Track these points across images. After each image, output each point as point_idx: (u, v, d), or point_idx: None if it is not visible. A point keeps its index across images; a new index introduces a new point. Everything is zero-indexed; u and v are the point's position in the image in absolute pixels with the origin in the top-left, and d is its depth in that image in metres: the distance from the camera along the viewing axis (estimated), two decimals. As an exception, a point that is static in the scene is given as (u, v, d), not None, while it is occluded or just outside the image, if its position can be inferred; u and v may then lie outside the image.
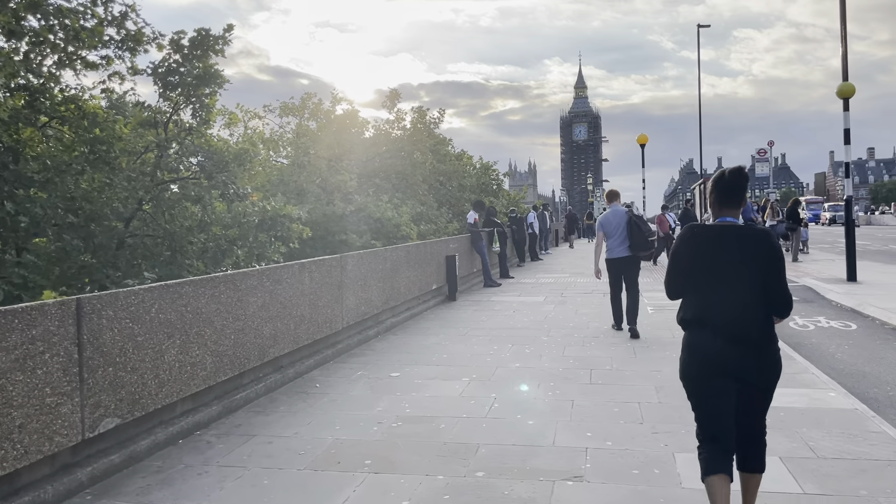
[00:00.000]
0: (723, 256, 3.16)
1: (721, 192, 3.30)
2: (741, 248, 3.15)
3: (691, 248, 3.26)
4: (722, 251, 3.17)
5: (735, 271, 3.14)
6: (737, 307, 3.11)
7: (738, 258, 3.14)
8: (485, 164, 36.00)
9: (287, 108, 23.49)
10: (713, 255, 3.19)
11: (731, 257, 3.15)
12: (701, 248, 3.23)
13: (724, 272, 3.16)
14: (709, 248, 3.21)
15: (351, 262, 8.32)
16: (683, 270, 3.29)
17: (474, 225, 15.02)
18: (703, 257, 3.21)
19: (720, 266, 3.17)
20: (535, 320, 10.08)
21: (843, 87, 13.40)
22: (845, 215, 13.79)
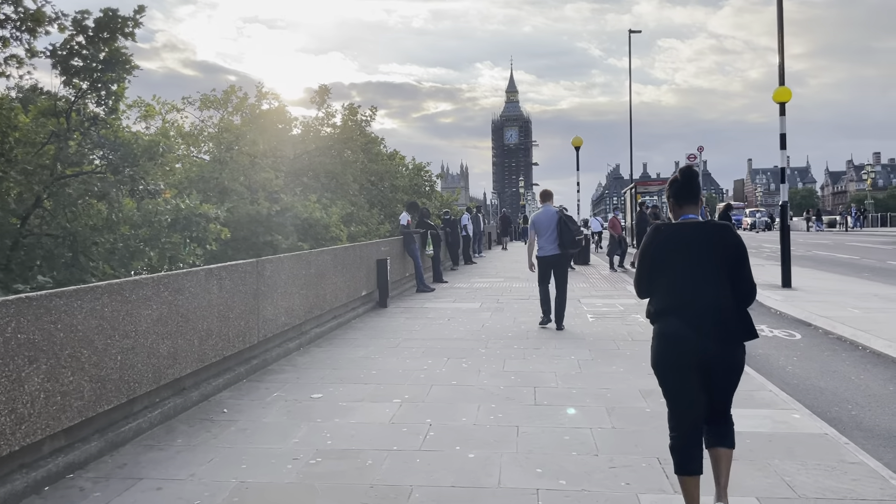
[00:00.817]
0: (689, 251, 3.31)
1: (677, 192, 3.50)
2: (706, 242, 3.31)
3: (659, 246, 3.39)
4: (688, 246, 3.32)
5: (701, 264, 3.29)
6: (706, 298, 3.25)
7: (704, 252, 3.30)
8: (417, 165, 35.31)
9: (208, 101, 22.13)
10: (680, 251, 3.33)
11: (697, 252, 3.31)
12: (668, 245, 3.37)
13: (691, 266, 3.30)
14: (676, 245, 3.35)
15: (269, 267, 7.44)
16: (653, 267, 3.41)
17: (407, 227, 14.28)
18: (671, 253, 3.35)
19: (687, 260, 3.31)
20: (471, 329, 9.41)
21: (780, 92, 13.33)
22: (780, 221, 13.73)
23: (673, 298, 3.33)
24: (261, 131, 21.67)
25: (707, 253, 3.31)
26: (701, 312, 3.25)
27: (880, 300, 11.41)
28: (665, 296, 3.37)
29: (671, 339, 3.31)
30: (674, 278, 3.33)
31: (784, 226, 13.54)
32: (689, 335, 3.25)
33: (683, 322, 3.27)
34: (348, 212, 24.24)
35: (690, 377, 3.29)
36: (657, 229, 3.47)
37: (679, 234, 3.39)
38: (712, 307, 3.25)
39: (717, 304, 3.26)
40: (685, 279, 3.30)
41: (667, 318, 3.35)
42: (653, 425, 5.08)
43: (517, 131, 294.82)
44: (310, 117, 25.41)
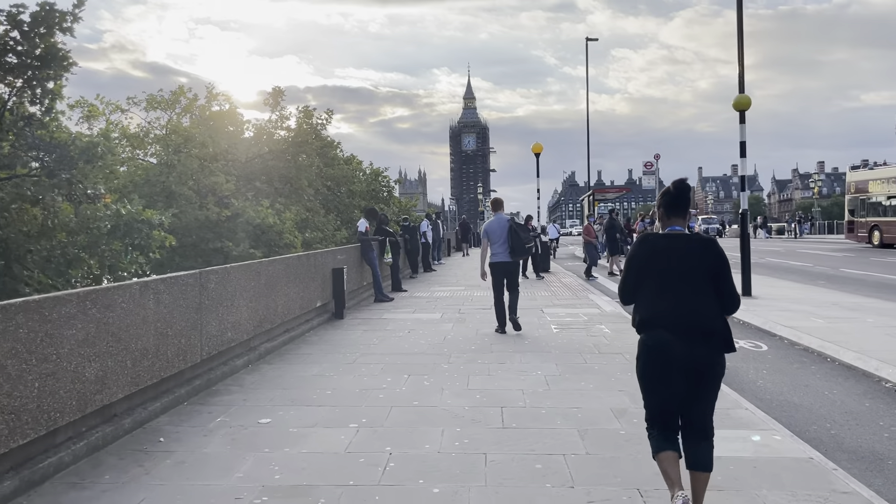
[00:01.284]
0: (675, 262, 3.42)
1: (668, 205, 3.58)
2: (691, 254, 3.44)
3: (646, 256, 3.50)
4: (674, 257, 3.43)
5: (687, 275, 3.40)
6: (690, 307, 3.36)
7: (689, 263, 3.42)
8: (375, 170, 34.80)
9: (154, 102, 21.26)
10: (667, 261, 3.44)
11: (682, 263, 3.42)
12: (655, 256, 3.48)
13: (677, 276, 3.40)
14: (662, 255, 3.46)
15: (214, 278, 6.88)
16: (639, 276, 3.52)
17: (365, 234, 13.78)
18: (658, 263, 3.46)
19: (673, 271, 3.41)
20: (433, 343, 8.98)
21: (739, 100, 13.27)
22: (740, 229, 13.67)
23: (658, 308, 3.43)
24: (211, 134, 20.91)
25: (693, 264, 3.43)
26: (685, 322, 3.36)
27: (841, 309, 11.37)
28: (650, 305, 3.47)
29: (656, 348, 3.40)
30: (660, 288, 3.44)
31: (744, 234, 13.47)
32: (674, 344, 3.34)
33: (668, 331, 3.36)
34: (303, 217, 23.61)
35: (673, 385, 3.40)
36: (645, 239, 3.59)
37: (666, 245, 3.50)
38: (696, 317, 3.37)
39: (702, 314, 3.38)
40: (671, 289, 3.41)
41: (652, 327, 3.44)
42: (629, 451, 4.73)
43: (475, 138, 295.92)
44: (263, 120, 24.68)
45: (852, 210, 32.75)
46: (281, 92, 24.34)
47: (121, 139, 21.31)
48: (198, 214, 19.40)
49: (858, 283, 15.84)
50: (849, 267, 20.73)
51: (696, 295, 3.39)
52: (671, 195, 3.60)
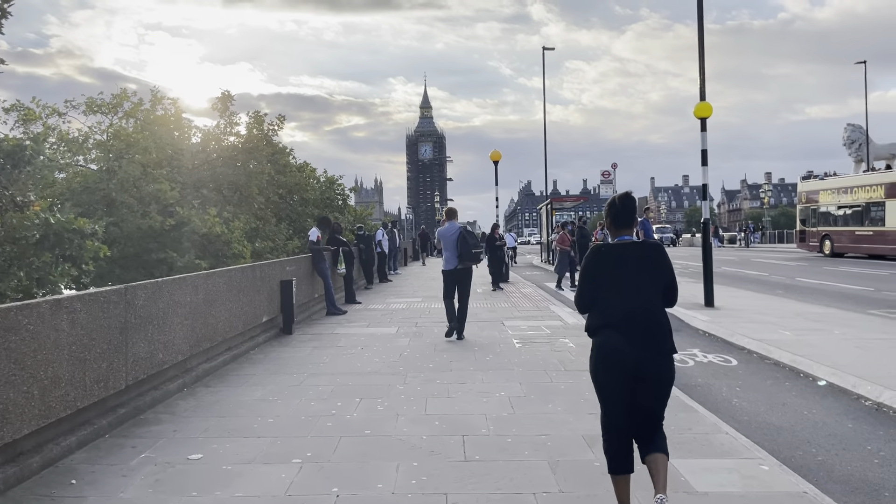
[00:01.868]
0: (627, 269, 3.59)
1: (615, 216, 3.78)
2: (642, 261, 3.61)
3: (600, 265, 3.66)
4: (626, 265, 3.60)
5: (638, 282, 3.57)
6: (642, 310, 3.53)
7: (641, 270, 3.59)
8: (330, 178, 33.94)
9: (94, 105, 20.15)
10: (619, 269, 3.60)
11: (634, 270, 3.59)
12: (608, 264, 3.64)
13: (628, 283, 3.57)
14: (615, 263, 3.62)
15: (143, 294, 6.18)
16: (594, 285, 3.65)
17: (317, 243, 13.11)
18: (611, 271, 3.61)
19: (625, 277, 3.58)
20: (388, 360, 8.39)
21: (700, 107, 13.07)
22: (702, 239, 13.45)
23: (612, 313, 3.56)
24: (155, 138, 19.91)
25: (643, 271, 3.60)
26: (637, 326, 3.51)
27: (805, 320, 11.17)
28: (604, 311, 3.60)
29: (609, 350, 3.53)
30: (613, 294, 3.59)
31: (706, 243, 13.26)
32: (626, 347, 3.48)
33: (621, 335, 3.51)
34: (253, 226, 22.72)
35: (625, 386, 3.52)
36: (598, 249, 3.73)
37: (618, 254, 3.66)
38: (648, 322, 3.53)
39: (653, 319, 3.55)
40: (623, 295, 3.56)
41: (606, 331, 3.57)
42: (606, 487, 4.20)
43: (432, 147, 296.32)
44: (211, 125, 23.71)
45: (803, 220, 33.30)
46: (230, 96, 23.42)
47: (58, 144, 20.15)
48: (140, 223, 18.39)
49: (817, 293, 15.81)
50: (804, 276, 20.85)
51: (647, 300, 3.57)
52: (618, 208, 3.80)
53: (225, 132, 23.74)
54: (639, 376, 3.49)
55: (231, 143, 23.82)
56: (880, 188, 27.67)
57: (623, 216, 3.77)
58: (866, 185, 28.62)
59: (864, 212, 28.54)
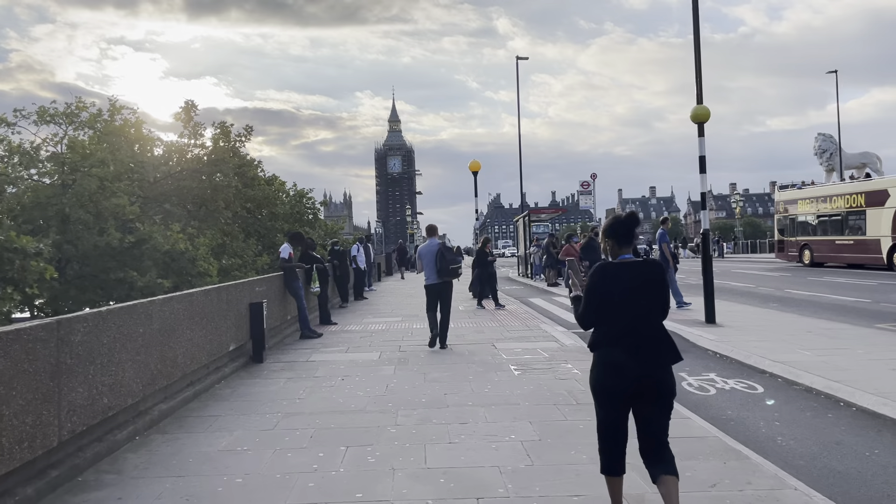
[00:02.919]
0: (631, 287, 3.71)
1: (617, 236, 3.87)
2: (645, 279, 3.75)
3: (604, 283, 3.73)
4: (629, 283, 3.72)
5: (641, 299, 3.71)
6: (645, 324, 3.69)
7: (643, 288, 3.73)
8: (300, 192, 32.84)
9: (45, 115, 18.82)
10: (622, 286, 3.71)
11: (637, 287, 3.72)
12: (613, 282, 3.72)
13: (632, 300, 3.69)
14: (618, 281, 3.72)
15: (81, 329, 5.10)
16: (598, 301, 3.72)
17: (289, 260, 12.04)
18: (614, 289, 3.71)
19: (628, 294, 3.69)
20: (373, 395, 7.38)
21: (697, 111, 12.34)
22: (702, 251, 12.67)
23: (616, 330, 3.67)
24: (113, 150, 18.67)
25: (645, 288, 3.72)
26: (641, 342, 3.63)
27: (818, 337, 10.42)
28: (608, 328, 3.70)
29: (612, 366, 3.64)
30: (617, 311, 3.67)
31: (706, 255, 12.48)
32: (630, 363, 3.59)
33: (624, 351, 3.61)
34: (220, 242, 21.54)
35: (626, 401, 3.66)
36: (603, 267, 3.77)
37: (622, 272, 3.75)
38: (650, 337, 3.67)
39: (655, 334, 3.70)
40: (627, 312, 3.66)
41: (609, 347, 3.68)
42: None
43: (401, 160, 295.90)
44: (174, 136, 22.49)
45: (781, 229, 33.03)
46: (194, 106, 22.23)
47: (8, 156, 18.79)
48: (97, 241, 17.16)
49: (814, 306, 15.17)
50: (792, 287, 20.30)
51: (649, 316, 3.71)
52: (623, 229, 3.85)
53: (189, 143, 22.53)
54: (641, 391, 3.62)
55: (196, 155, 22.62)
56: (860, 196, 27.43)
57: (625, 236, 3.84)
58: (846, 194, 28.38)
59: (844, 221, 28.29)
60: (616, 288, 3.69)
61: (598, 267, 3.79)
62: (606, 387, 3.67)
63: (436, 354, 9.90)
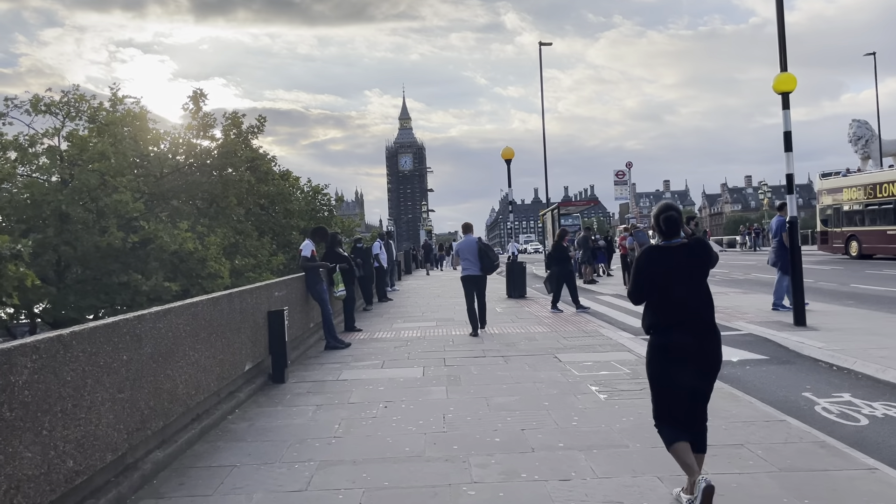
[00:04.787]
0: (680, 268, 3.94)
1: (663, 223, 4.04)
2: (693, 259, 3.98)
3: (650, 265, 3.99)
4: (678, 264, 3.95)
5: (690, 278, 3.94)
6: (695, 304, 3.91)
7: (691, 268, 3.96)
8: (315, 187, 31.25)
9: (39, 104, 17.28)
10: (671, 267, 3.94)
11: (685, 268, 3.95)
12: (661, 264, 3.97)
13: (681, 281, 3.92)
14: (667, 263, 3.96)
15: (29, 364, 3.48)
16: (649, 283, 3.97)
17: (311, 259, 10.43)
18: (664, 271, 3.94)
19: (678, 276, 3.93)
20: (429, 430, 5.75)
21: (781, 80, 10.62)
22: (790, 242, 10.91)
23: (667, 310, 3.92)
24: (115, 142, 17.15)
25: (694, 268, 3.97)
26: (693, 321, 3.89)
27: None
28: (660, 308, 3.95)
29: (667, 346, 3.89)
30: (667, 293, 3.91)
31: (794, 246, 10.73)
32: (685, 341, 3.85)
33: (678, 330, 3.87)
34: (232, 241, 19.98)
35: (683, 378, 3.86)
36: (651, 251, 4.06)
37: (668, 255, 3.99)
38: (701, 315, 3.92)
39: (704, 312, 3.94)
40: (677, 293, 3.89)
41: (664, 328, 3.93)
42: None
43: (412, 158, 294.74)
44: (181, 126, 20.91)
45: (825, 220, 31.12)
46: (203, 95, 20.67)
47: (1, 153, 17.29)
48: (98, 241, 15.63)
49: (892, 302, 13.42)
50: (855, 282, 18.49)
51: (699, 295, 3.93)
52: (662, 219, 4.03)
53: (198, 135, 20.96)
54: (694, 367, 3.85)
55: (205, 148, 21.07)
56: (915, 183, 25.50)
57: (669, 224, 4.02)
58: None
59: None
60: (661, 269, 3.94)
61: (646, 249, 4.12)
62: (662, 367, 3.90)
63: (490, 368, 8.25)
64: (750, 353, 9.10)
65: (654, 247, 4.08)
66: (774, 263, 12.15)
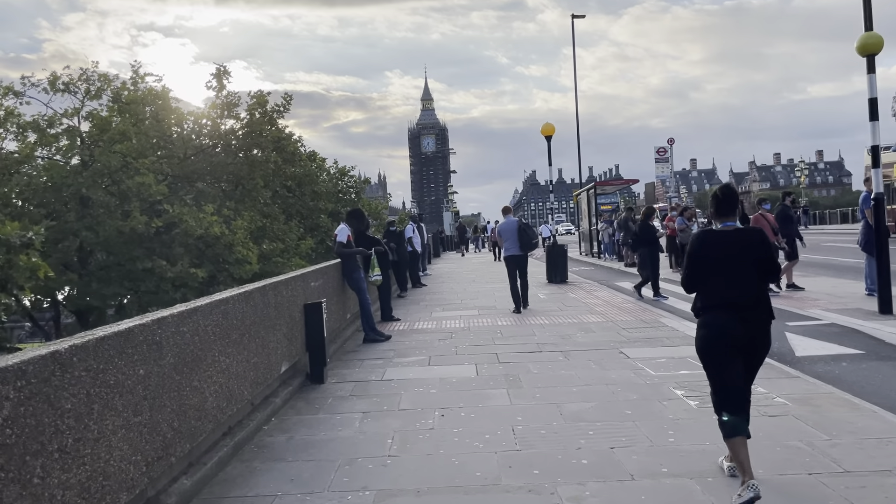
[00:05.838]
0: (732, 253, 3.95)
1: (717, 207, 4.12)
2: (745, 245, 3.98)
3: (702, 249, 4.04)
4: (731, 248, 3.96)
5: (742, 263, 3.93)
6: (745, 288, 3.89)
7: (744, 253, 3.94)
8: (341, 169, 30.46)
9: (58, 82, 16.57)
10: (724, 252, 3.97)
11: (738, 253, 3.94)
12: (714, 248, 4.00)
13: (733, 265, 3.93)
14: (720, 247, 3.99)
15: (12, 396, 2.66)
16: (701, 267, 4.02)
17: (347, 245, 9.58)
18: (717, 255, 3.97)
19: (730, 260, 3.93)
20: (499, 447, 4.88)
21: (866, 40, 9.49)
22: (875, 220, 9.85)
23: (719, 293, 3.93)
24: (136, 122, 16.43)
25: (747, 253, 3.94)
26: (742, 304, 3.86)
27: None
28: (711, 291, 3.97)
29: (717, 328, 3.90)
30: (718, 276, 3.93)
31: (880, 227, 9.67)
32: (732, 324, 3.84)
33: (727, 313, 3.87)
34: (259, 225, 19.26)
35: (734, 360, 3.87)
36: (704, 235, 4.11)
37: (723, 239, 4.01)
38: (751, 299, 3.88)
39: (756, 296, 3.90)
40: (728, 276, 3.91)
41: (713, 310, 3.94)
42: None
43: (434, 139, 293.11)
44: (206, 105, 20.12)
45: (875, 197, 29.61)
46: (226, 72, 19.86)
47: (20, 133, 16.66)
48: (120, 226, 14.96)
49: None
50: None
51: (750, 279, 3.90)
52: (719, 199, 4.10)
53: (222, 115, 20.17)
54: (743, 350, 3.87)
55: (230, 128, 20.29)
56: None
57: (725, 205, 4.08)
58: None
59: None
60: (713, 254, 3.99)
61: (698, 233, 4.18)
62: (712, 349, 3.93)
63: (551, 367, 7.36)
64: (841, 347, 8.11)
65: (707, 230, 4.13)
66: (863, 246, 10.78)
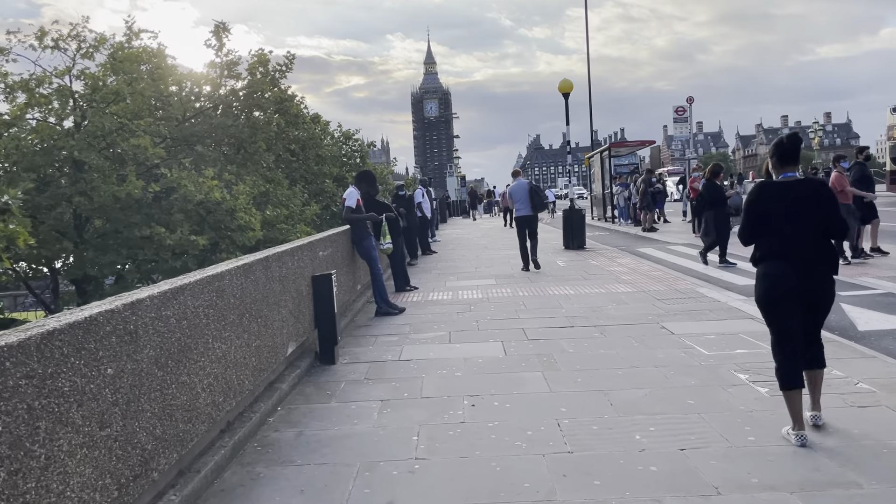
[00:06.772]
0: (792, 203, 3.91)
1: (781, 155, 4.06)
2: (807, 196, 3.92)
3: (761, 201, 4.00)
4: (791, 199, 3.92)
5: (802, 214, 3.88)
6: (805, 240, 3.86)
7: (805, 204, 3.89)
8: (346, 132, 29.47)
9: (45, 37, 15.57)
10: (784, 202, 3.92)
11: (799, 204, 3.90)
12: (774, 199, 3.96)
13: (793, 215, 3.88)
14: (780, 198, 3.95)
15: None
16: (759, 218, 3.99)
17: (357, 210, 8.76)
18: (777, 205, 3.94)
19: (790, 210, 3.89)
20: (545, 448, 4.13)
21: None
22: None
23: (777, 244, 3.91)
24: (131, 82, 15.50)
25: (807, 205, 3.89)
26: (801, 254, 3.84)
27: None
28: (770, 242, 3.95)
29: (776, 277, 3.91)
30: (778, 227, 3.90)
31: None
32: (792, 274, 3.84)
33: (786, 263, 3.87)
34: (262, 190, 18.44)
35: (793, 309, 3.89)
36: (763, 185, 4.06)
37: (783, 190, 3.97)
38: (810, 249, 3.86)
39: (814, 246, 3.87)
40: (788, 227, 3.87)
41: (772, 260, 3.94)
42: None
43: (437, 104, 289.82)
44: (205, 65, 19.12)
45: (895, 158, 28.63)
46: (225, 28, 18.82)
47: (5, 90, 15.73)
48: (115, 191, 14.15)
49: None
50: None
51: (810, 230, 3.86)
52: (785, 147, 4.06)
53: (222, 75, 19.18)
54: (803, 299, 3.86)
55: (231, 89, 19.33)
56: None
57: (790, 154, 4.04)
58: None
59: None
60: (773, 205, 3.94)
61: (756, 185, 4.10)
62: (771, 298, 3.93)
63: (588, 344, 6.59)
64: (906, 321, 7.34)
65: (767, 182, 4.10)
66: None
